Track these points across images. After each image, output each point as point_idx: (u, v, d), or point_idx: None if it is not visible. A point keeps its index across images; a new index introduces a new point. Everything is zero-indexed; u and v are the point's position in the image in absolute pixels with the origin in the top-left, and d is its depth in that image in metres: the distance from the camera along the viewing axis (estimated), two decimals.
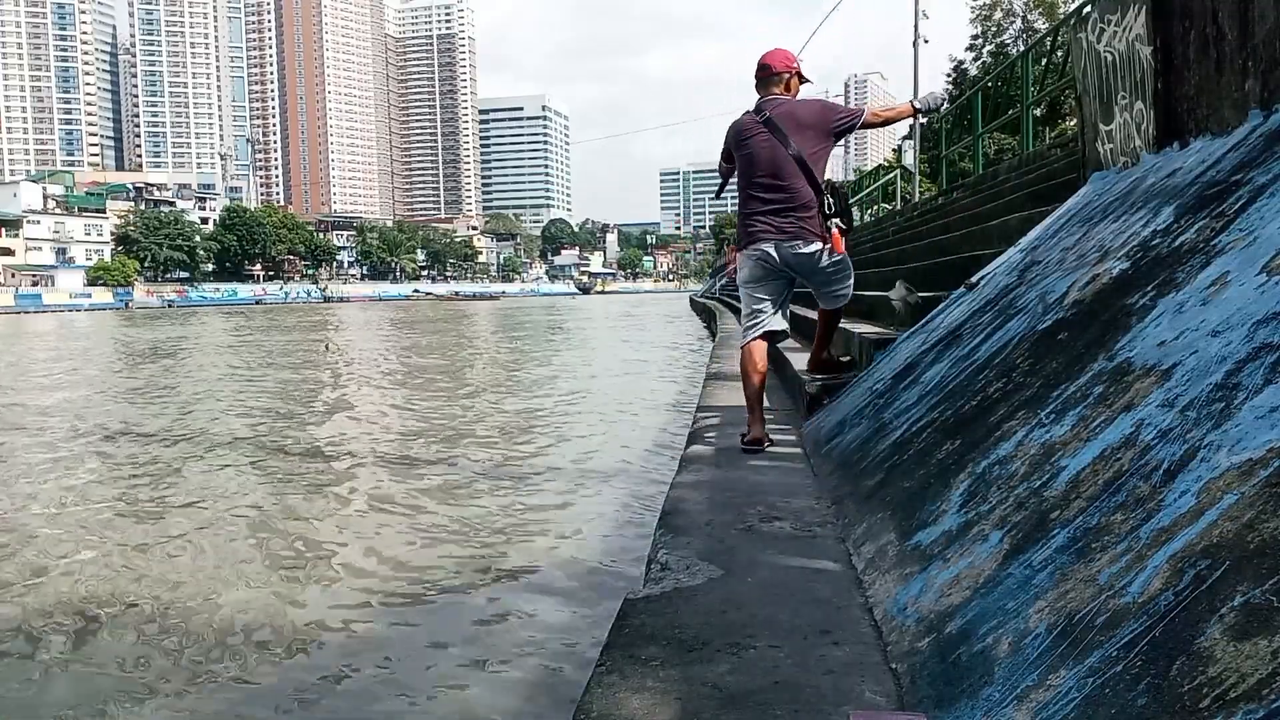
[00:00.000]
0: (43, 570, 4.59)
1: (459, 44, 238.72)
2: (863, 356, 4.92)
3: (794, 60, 4.37)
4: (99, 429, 9.32)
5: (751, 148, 4.28)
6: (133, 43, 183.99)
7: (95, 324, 43.83)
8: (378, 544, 4.96)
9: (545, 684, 3.14)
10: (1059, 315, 2.73)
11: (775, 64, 4.31)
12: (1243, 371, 1.59)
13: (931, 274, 6.39)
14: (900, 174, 22.29)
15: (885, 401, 3.49)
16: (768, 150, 4.21)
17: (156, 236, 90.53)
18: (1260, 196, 2.25)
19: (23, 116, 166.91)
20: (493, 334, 29.56)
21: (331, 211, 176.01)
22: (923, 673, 1.56)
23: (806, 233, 4.19)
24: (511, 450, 7.76)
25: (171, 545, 5.00)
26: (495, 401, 11.29)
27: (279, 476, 6.85)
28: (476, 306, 70.46)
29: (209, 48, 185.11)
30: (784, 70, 4.30)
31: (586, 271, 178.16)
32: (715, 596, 2.09)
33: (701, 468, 3.57)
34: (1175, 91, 3.64)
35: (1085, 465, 1.78)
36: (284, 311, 61.36)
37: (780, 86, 4.29)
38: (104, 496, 6.28)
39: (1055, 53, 12.27)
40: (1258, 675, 1.00)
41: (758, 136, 4.25)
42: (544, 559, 4.59)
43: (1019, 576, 1.59)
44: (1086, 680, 1.21)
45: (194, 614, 3.92)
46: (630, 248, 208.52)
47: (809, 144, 4.18)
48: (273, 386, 13.49)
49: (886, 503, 2.47)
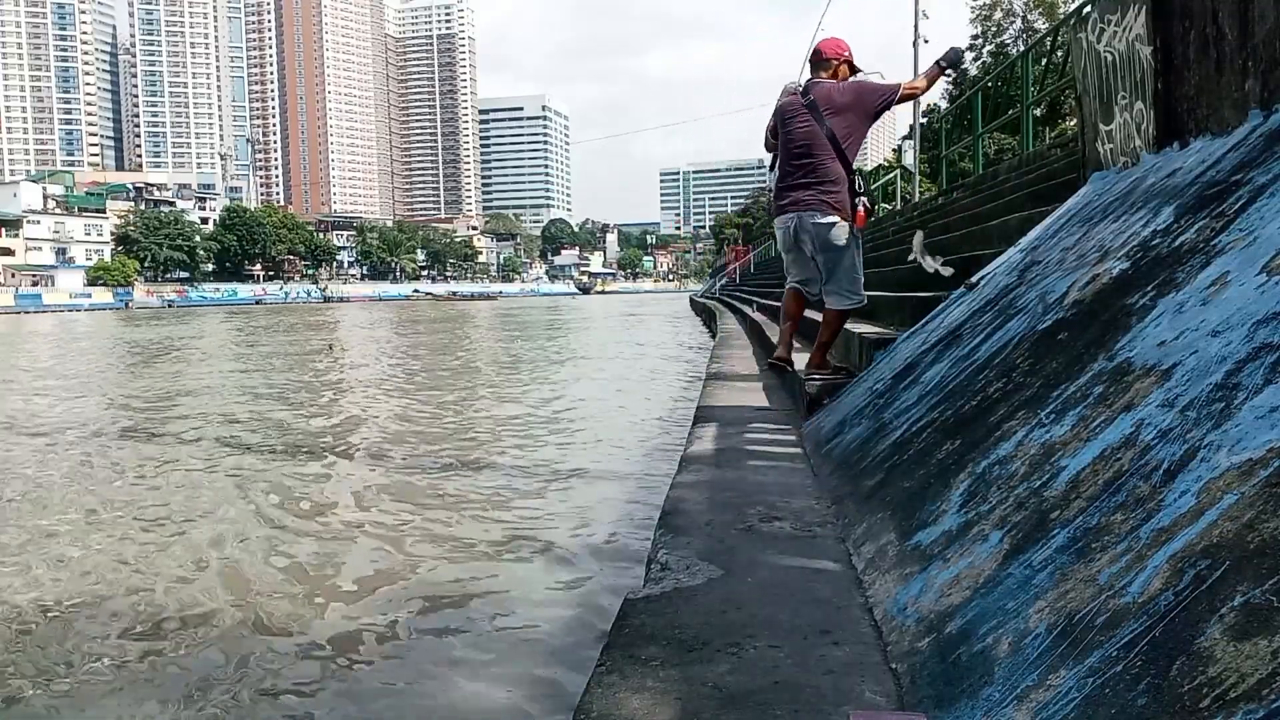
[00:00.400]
0: (39, 567, 4.59)
1: (459, 44, 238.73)
2: (863, 356, 4.92)
3: (845, 49, 4.80)
4: (107, 431, 9.33)
5: (791, 126, 4.69)
6: (133, 43, 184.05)
7: (96, 324, 43.84)
8: (377, 544, 4.96)
9: (545, 684, 3.14)
10: (1059, 315, 2.73)
11: (826, 51, 4.74)
12: (1243, 371, 1.59)
13: (932, 274, 6.38)
14: (900, 174, 22.30)
15: (885, 401, 3.49)
16: (805, 129, 4.62)
17: (156, 236, 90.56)
18: (1260, 196, 2.25)
19: (23, 116, 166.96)
20: (491, 335, 29.56)
21: (331, 211, 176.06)
22: (923, 673, 1.56)
23: (826, 205, 4.60)
24: (511, 450, 7.76)
25: (171, 545, 5.00)
26: (494, 402, 11.29)
27: (280, 476, 6.84)
28: (476, 306, 70.46)
29: (209, 48, 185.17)
30: (834, 57, 4.72)
31: (586, 271, 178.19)
32: (715, 596, 2.09)
33: (701, 468, 3.57)
34: (1175, 91, 3.64)
35: (1085, 465, 1.78)
36: (284, 311, 61.36)
37: (829, 72, 4.72)
38: (105, 497, 6.28)
39: (1055, 53, 12.28)
40: (1258, 675, 1.00)
41: (799, 116, 4.65)
42: (543, 559, 4.59)
43: (1019, 576, 1.59)
44: (1086, 680, 1.21)
45: (193, 614, 3.92)
46: (630, 248, 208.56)
47: (843, 124, 4.56)
48: (279, 386, 13.49)
49: (886, 503, 2.47)
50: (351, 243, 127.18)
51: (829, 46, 4.79)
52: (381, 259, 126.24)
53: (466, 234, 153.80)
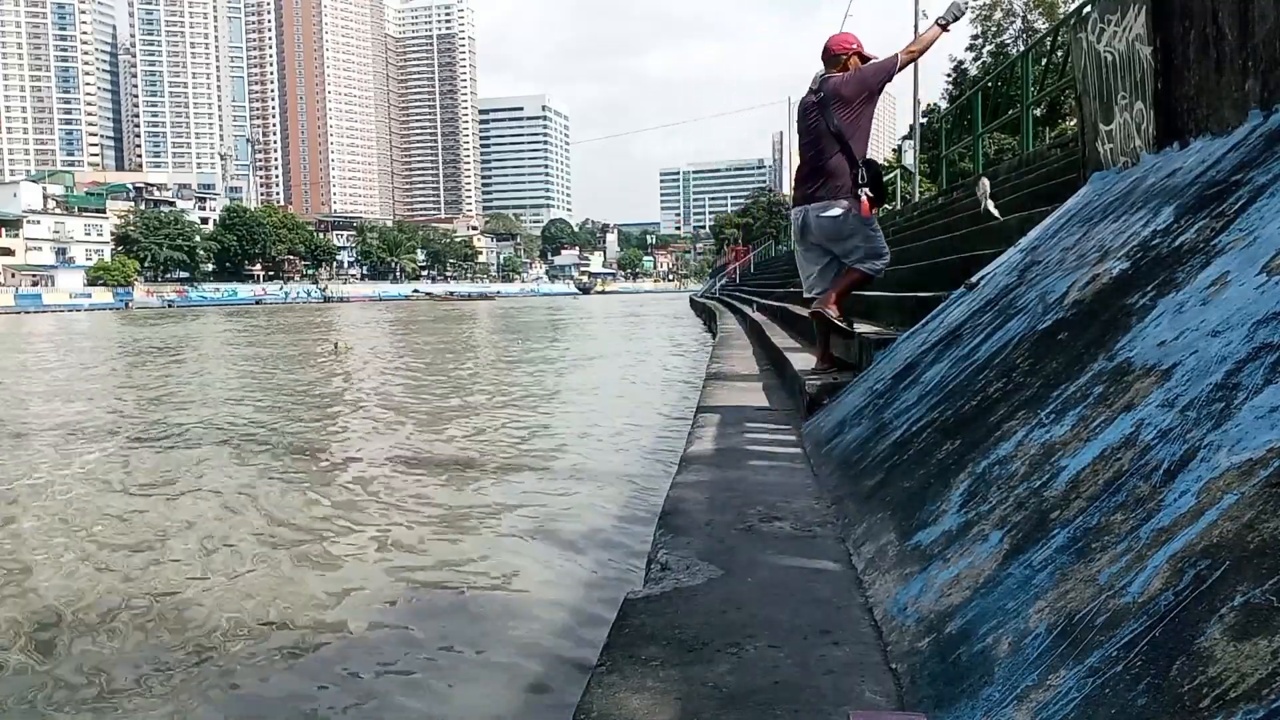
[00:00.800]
0: (43, 568, 4.59)
1: (459, 44, 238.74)
2: (863, 356, 4.92)
3: (853, 42, 4.96)
4: (114, 434, 9.32)
5: (802, 124, 4.95)
6: (133, 43, 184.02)
7: (96, 324, 43.83)
8: (377, 545, 4.96)
9: (545, 684, 3.14)
10: (1059, 315, 2.73)
11: (834, 47, 4.93)
12: (1243, 371, 1.59)
13: (931, 274, 6.38)
14: (900, 174, 22.29)
15: (885, 401, 3.49)
16: (813, 125, 4.86)
17: (156, 236, 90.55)
18: (1260, 196, 2.25)
19: (23, 116, 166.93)
20: (492, 335, 29.55)
21: (331, 211, 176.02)
22: (923, 673, 1.56)
23: (832, 198, 4.81)
24: (511, 451, 7.75)
25: (172, 544, 5.00)
26: (493, 402, 11.29)
27: (280, 477, 6.84)
28: (476, 306, 70.48)
29: (209, 48, 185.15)
30: (841, 52, 4.90)
31: (586, 271, 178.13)
32: (715, 596, 2.09)
33: (701, 468, 3.57)
34: (1175, 91, 3.64)
35: (1085, 465, 1.78)
36: (285, 311, 61.36)
37: (838, 67, 4.88)
38: (108, 497, 6.28)
39: (1055, 53, 12.27)
40: (1258, 675, 1.00)
41: (809, 113, 4.90)
42: (543, 559, 4.59)
43: (1019, 576, 1.59)
44: (1086, 680, 1.21)
45: (193, 614, 3.92)
46: (630, 248, 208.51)
47: (849, 116, 4.77)
48: (283, 386, 13.49)
49: (886, 503, 2.47)
50: (351, 243, 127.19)
51: (837, 43, 4.94)
52: (381, 259, 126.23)
53: (466, 234, 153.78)
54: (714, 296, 43.50)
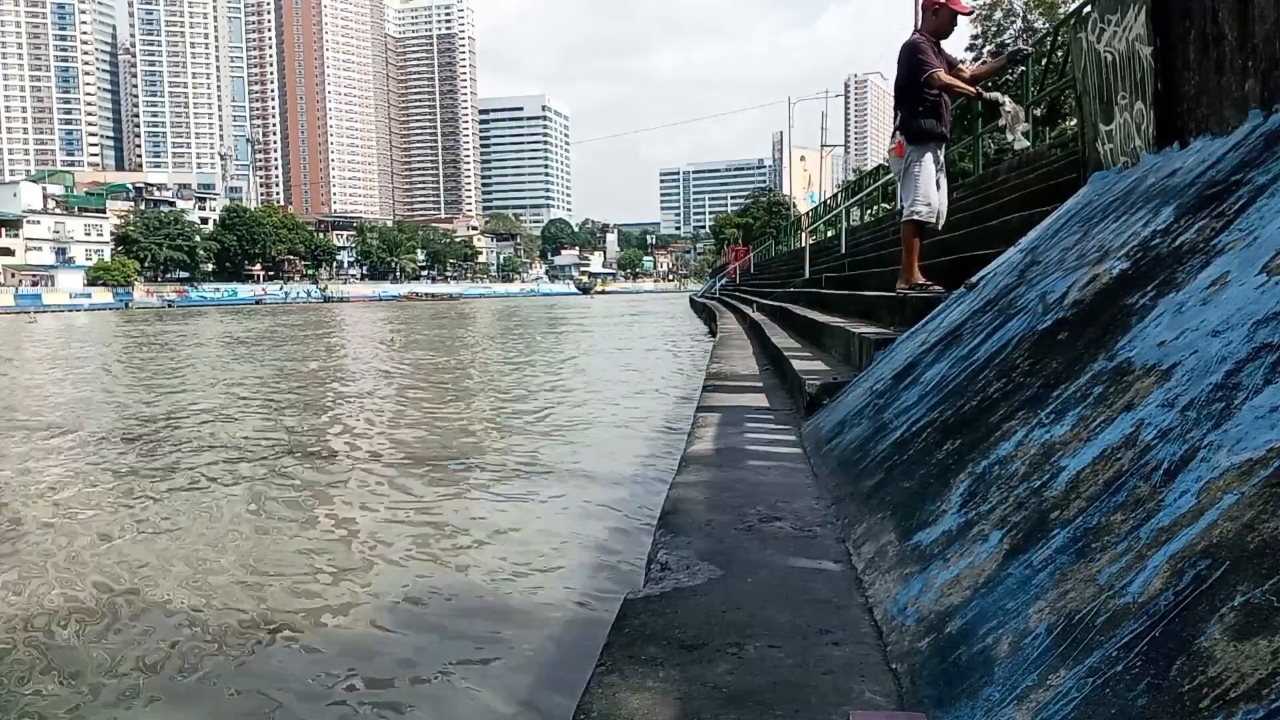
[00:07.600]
0: (46, 567, 4.59)
1: (459, 44, 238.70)
2: (863, 356, 4.92)
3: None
4: (112, 434, 9.32)
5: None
6: (133, 43, 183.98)
7: (96, 324, 43.82)
8: (377, 545, 4.96)
9: (545, 684, 3.13)
10: (1059, 315, 2.72)
11: (924, 4, 5.94)
12: (1243, 371, 1.59)
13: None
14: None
15: (885, 401, 3.49)
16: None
17: (156, 236, 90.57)
18: (1260, 196, 2.25)
19: (23, 116, 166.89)
20: (488, 335, 29.54)
21: (331, 211, 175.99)
22: (923, 673, 1.55)
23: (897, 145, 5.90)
24: (511, 451, 7.75)
25: (171, 545, 5.00)
26: (493, 402, 11.29)
27: (282, 477, 6.84)
28: (476, 306, 70.62)
29: (209, 48, 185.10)
30: (925, 8, 5.90)
31: (586, 271, 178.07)
32: (715, 596, 2.09)
33: (701, 468, 3.57)
34: (1175, 91, 3.64)
35: (1085, 465, 1.77)
36: (285, 311, 61.36)
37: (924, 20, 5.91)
38: (110, 499, 6.28)
39: (1055, 53, 12.27)
40: (1258, 675, 1.00)
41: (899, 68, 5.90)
42: (543, 559, 4.59)
43: (1019, 576, 1.59)
44: (1086, 680, 1.21)
45: (192, 614, 3.92)
46: (630, 248, 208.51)
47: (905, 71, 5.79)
48: (285, 386, 13.50)
49: (886, 503, 2.47)
50: (351, 243, 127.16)
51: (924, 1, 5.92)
52: (381, 259, 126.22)
53: (466, 234, 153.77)
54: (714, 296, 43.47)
